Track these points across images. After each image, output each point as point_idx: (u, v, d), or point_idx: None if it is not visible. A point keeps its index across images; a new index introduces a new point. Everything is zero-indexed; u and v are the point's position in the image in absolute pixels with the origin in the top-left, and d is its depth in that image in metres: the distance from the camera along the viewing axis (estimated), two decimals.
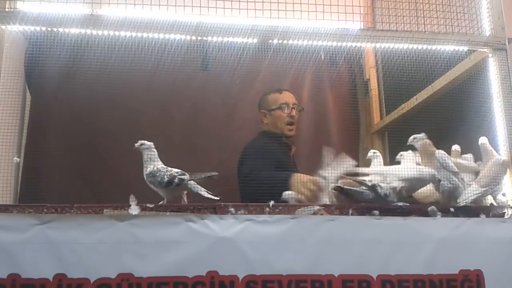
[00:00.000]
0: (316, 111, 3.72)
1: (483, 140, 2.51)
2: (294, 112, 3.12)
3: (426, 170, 2.36)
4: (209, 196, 2.24)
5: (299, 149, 3.39)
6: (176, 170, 2.27)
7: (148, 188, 2.32)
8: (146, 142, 2.33)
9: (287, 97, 3.16)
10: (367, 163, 2.60)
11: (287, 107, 3.11)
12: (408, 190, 2.36)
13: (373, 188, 2.27)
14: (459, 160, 2.52)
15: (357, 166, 2.50)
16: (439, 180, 2.34)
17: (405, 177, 2.32)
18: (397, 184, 2.30)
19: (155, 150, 2.33)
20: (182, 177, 2.24)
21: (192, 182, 2.26)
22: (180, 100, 3.49)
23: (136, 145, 2.32)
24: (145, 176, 2.28)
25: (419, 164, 2.44)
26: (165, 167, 2.29)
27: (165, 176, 2.24)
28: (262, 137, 3.12)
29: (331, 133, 3.69)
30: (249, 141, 3.09)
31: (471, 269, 2.17)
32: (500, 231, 2.26)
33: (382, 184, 2.29)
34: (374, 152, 2.57)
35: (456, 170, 2.35)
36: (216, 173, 2.30)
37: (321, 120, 3.72)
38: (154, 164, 2.29)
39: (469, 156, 2.60)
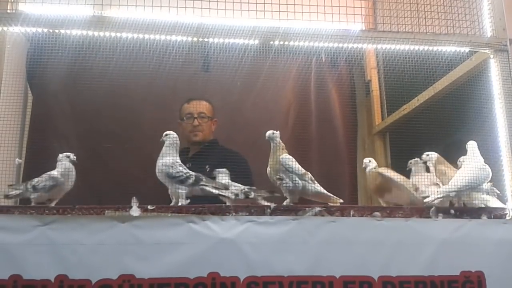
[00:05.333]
0: (317, 112, 3.72)
1: (470, 144, 2.48)
2: (196, 122, 3.17)
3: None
4: None
5: (298, 148, 3.38)
6: None
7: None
8: None
9: (193, 106, 3.22)
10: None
11: (191, 117, 3.18)
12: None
13: None
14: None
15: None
16: (281, 179, 2.36)
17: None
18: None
19: None
20: None
21: None
22: (181, 101, 3.49)
23: None
24: None
25: None
26: None
27: None
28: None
29: (331, 134, 3.70)
30: None
31: (472, 270, 2.17)
32: (501, 233, 2.25)
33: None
34: (369, 161, 2.59)
35: (301, 172, 2.38)
36: None
37: (322, 121, 3.72)
38: None
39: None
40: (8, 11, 2.46)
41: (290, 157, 2.41)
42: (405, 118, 3.31)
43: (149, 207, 2.11)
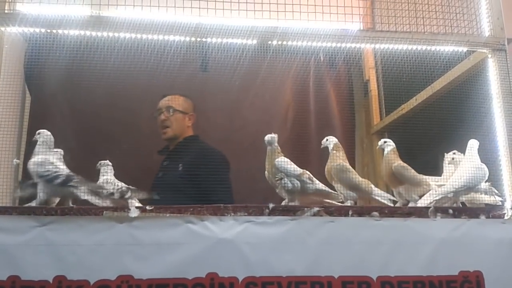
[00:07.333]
0: (315, 112, 3.72)
1: (470, 143, 2.49)
2: (163, 116, 3.11)
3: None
4: None
5: (296, 148, 3.39)
6: None
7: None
8: None
9: (162, 102, 3.16)
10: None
11: (159, 112, 3.14)
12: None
13: None
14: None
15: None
16: (281, 179, 2.36)
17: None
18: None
19: None
20: None
21: None
22: None
23: None
24: None
25: None
26: None
27: None
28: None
29: (329, 134, 3.69)
30: None
31: (471, 270, 2.17)
32: (500, 232, 2.25)
33: None
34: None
35: (297, 173, 2.38)
36: None
37: (320, 121, 3.72)
38: None
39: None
40: (6, 11, 2.45)
41: (286, 159, 2.41)
42: (403, 118, 3.31)
43: (147, 207, 2.11)
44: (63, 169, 2.25)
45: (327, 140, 2.57)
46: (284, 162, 2.39)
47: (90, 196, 2.19)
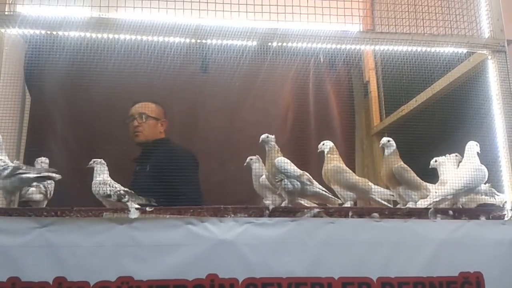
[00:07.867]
0: (315, 113, 3.72)
1: (468, 144, 2.49)
2: (136, 123, 3.14)
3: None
4: None
5: (296, 149, 3.38)
6: None
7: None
8: None
9: (135, 109, 3.19)
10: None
11: (133, 119, 3.16)
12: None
13: None
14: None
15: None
16: (280, 180, 2.34)
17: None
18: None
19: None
20: None
21: None
22: (179, 102, 3.49)
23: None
24: None
25: None
26: None
27: None
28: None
29: (329, 135, 3.69)
30: None
31: (471, 271, 2.17)
32: (500, 233, 2.26)
33: None
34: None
35: (297, 174, 2.36)
36: None
37: (320, 122, 3.72)
38: None
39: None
40: (6, 12, 2.46)
41: (285, 159, 2.40)
42: (403, 119, 3.31)
43: (147, 208, 2.11)
44: (11, 163, 2.27)
45: (323, 144, 2.56)
46: (284, 162, 2.39)
47: (44, 174, 2.23)
